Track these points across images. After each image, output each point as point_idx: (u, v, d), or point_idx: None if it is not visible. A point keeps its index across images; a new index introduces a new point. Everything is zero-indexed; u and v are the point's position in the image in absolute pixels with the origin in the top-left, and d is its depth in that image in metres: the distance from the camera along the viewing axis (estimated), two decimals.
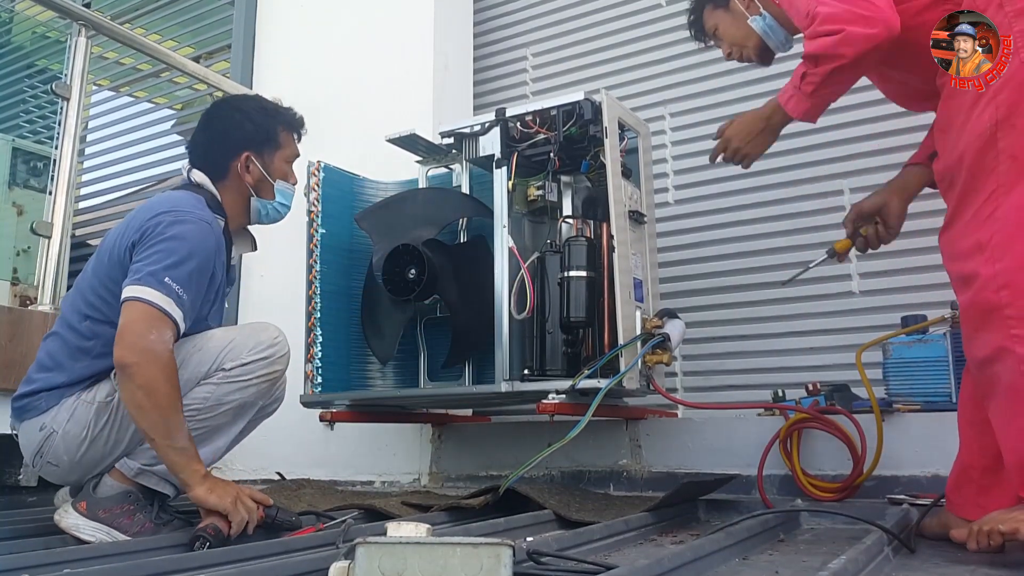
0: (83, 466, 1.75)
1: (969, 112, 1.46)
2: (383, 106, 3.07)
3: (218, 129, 1.93)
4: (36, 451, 1.75)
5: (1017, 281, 1.37)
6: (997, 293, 1.39)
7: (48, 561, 1.36)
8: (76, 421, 1.72)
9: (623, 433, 2.45)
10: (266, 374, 1.79)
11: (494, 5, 3.34)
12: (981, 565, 1.37)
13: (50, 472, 1.79)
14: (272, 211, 1.96)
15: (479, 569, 0.97)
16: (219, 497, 1.62)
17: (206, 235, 1.75)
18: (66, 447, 1.72)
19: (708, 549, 1.34)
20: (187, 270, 1.68)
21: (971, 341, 1.46)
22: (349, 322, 2.46)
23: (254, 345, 1.78)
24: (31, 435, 1.76)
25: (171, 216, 1.73)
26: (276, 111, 1.98)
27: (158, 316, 1.63)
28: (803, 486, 2.06)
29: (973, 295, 1.43)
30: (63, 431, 1.72)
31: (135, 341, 1.60)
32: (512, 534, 1.64)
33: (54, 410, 1.73)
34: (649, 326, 2.04)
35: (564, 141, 2.14)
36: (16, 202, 3.97)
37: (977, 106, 1.45)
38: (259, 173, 1.91)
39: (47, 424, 1.73)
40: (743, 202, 2.64)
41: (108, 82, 4.24)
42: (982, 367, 1.45)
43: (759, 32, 1.88)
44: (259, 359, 1.78)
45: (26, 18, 4.85)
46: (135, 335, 1.61)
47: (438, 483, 2.70)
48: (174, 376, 1.64)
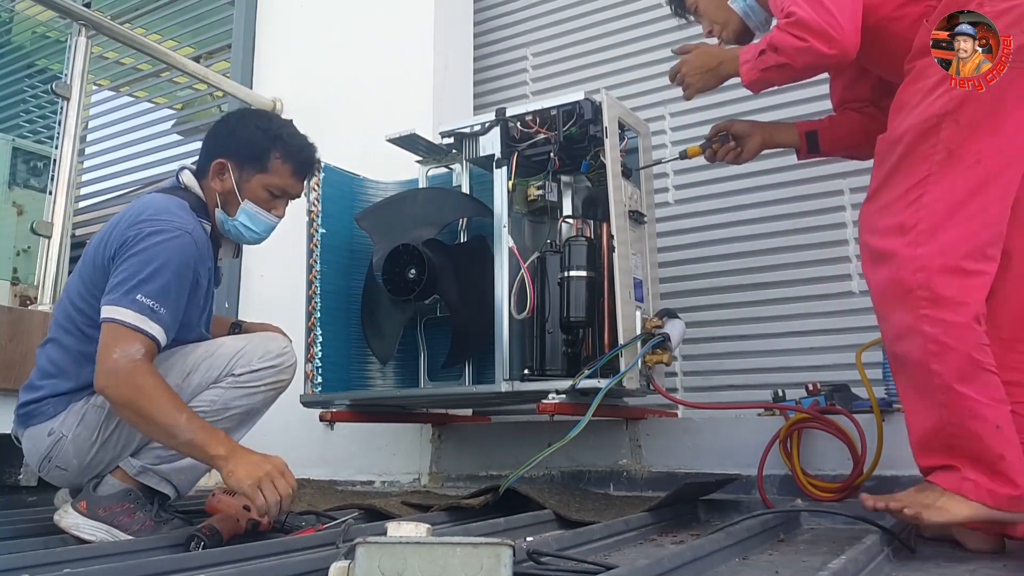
0: (92, 469, 1.75)
1: (925, 96, 1.52)
2: (383, 106, 3.07)
3: (216, 130, 1.92)
4: (44, 456, 1.75)
5: (933, 267, 1.45)
6: (914, 275, 1.46)
7: (48, 561, 1.36)
8: (86, 425, 1.72)
9: (623, 433, 2.45)
10: (274, 382, 1.82)
11: (494, 5, 3.34)
12: (981, 565, 1.37)
13: (57, 476, 1.78)
14: (232, 228, 1.89)
15: (479, 569, 0.97)
16: (238, 481, 1.58)
17: (185, 245, 1.72)
18: (76, 451, 1.73)
19: (708, 549, 1.35)
20: (161, 283, 1.67)
21: (883, 319, 1.54)
22: (349, 322, 2.46)
23: (263, 353, 1.82)
24: (37, 440, 1.75)
25: (149, 226, 1.71)
26: (277, 137, 1.88)
27: (126, 333, 1.63)
28: (803, 486, 2.05)
29: (890, 274, 1.50)
30: (73, 435, 1.72)
31: (102, 365, 1.63)
32: (512, 534, 1.64)
33: (62, 415, 1.73)
34: (649, 326, 2.04)
35: (564, 141, 2.13)
36: (16, 202, 3.97)
37: (934, 92, 1.50)
38: (229, 185, 1.86)
39: (55, 429, 1.73)
40: (743, 202, 2.64)
41: (108, 82, 4.24)
42: (893, 344, 1.53)
43: (739, 12, 1.92)
44: (268, 367, 1.81)
45: (26, 18, 4.86)
46: (102, 358, 1.63)
47: (438, 483, 2.70)
48: (148, 384, 1.62)
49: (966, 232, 1.45)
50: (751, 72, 1.76)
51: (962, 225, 1.45)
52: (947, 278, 1.44)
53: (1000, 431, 1.40)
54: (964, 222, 1.45)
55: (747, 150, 2.05)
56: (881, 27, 1.64)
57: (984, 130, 1.45)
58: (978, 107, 1.45)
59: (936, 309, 1.43)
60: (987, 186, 1.45)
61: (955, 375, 1.42)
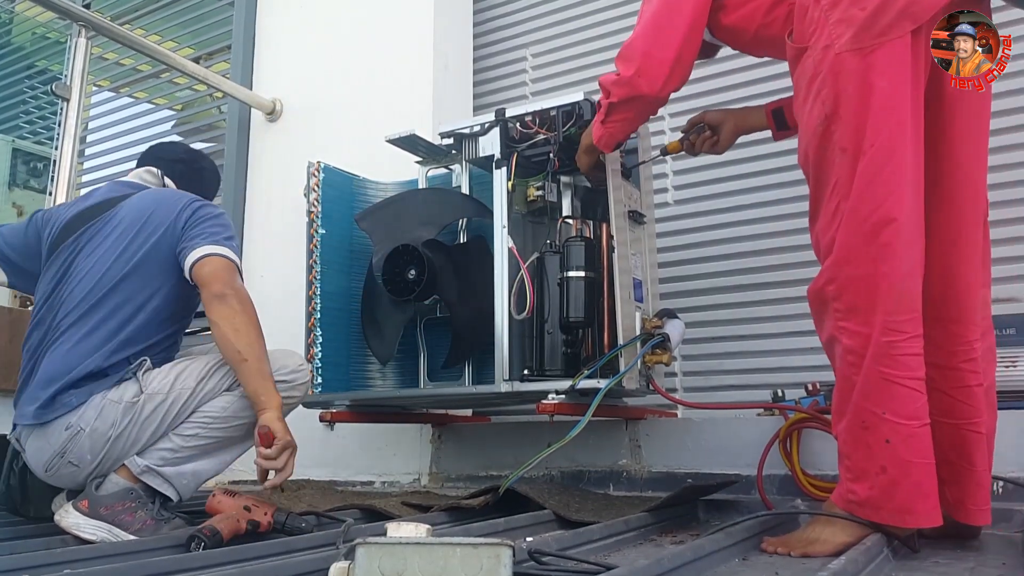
0: (102, 465, 1.76)
1: (802, 110, 1.53)
2: (383, 107, 3.07)
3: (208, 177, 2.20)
4: (57, 452, 1.74)
5: (842, 277, 1.45)
6: (827, 286, 1.47)
7: (48, 561, 1.36)
8: (104, 419, 1.73)
9: (623, 433, 2.45)
10: (285, 397, 1.82)
11: (494, 5, 3.34)
12: (981, 564, 1.37)
13: (67, 474, 1.77)
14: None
15: (479, 569, 0.97)
16: (280, 429, 1.74)
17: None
18: (91, 445, 1.73)
19: (708, 549, 1.35)
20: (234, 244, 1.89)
21: (816, 327, 1.56)
22: (349, 322, 2.46)
23: (279, 368, 1.85)
24: (51, 437, 1.74)
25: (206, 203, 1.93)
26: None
27: (235, 269, 1.83)
28: (803, 486, 2.05)
29: (813, 285, 1.51)
30: (91, 429, 1.73)
31: (228, 279, 1.80)
32: (512, 534, 1.65)
33: (83, 407, 1.73)
34: (649, 326, 2.04)
35: (564, 141, 2.13)
36: (16, 202, 3.98)
37: (807, 103, 1.51)
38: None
39: (73, 423, 1.73)
40: (743, 202, 2.64)
41: (108, 83, 4.24)
42: (825, 350, 1.55)
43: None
44: (281, 381, 1.83)
45: (26, 19, 4.86)
46: (225, 277, 1.80)
47: (438, 483, 2.70)
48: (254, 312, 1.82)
49: (863, 236, 1.42)
50: (596, 130, 1.88)
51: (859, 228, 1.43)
52: (855, 286, 1.42)
53: (889, 445, 1.38)
54: (860, 224, 1.43)
55: (723, 137, 2.07)
56: (760, 36, 1.69)
57: (862, 117, 1.42)
58: (848, 98, 1.43)
59: (849, 320, 1.44)
60: (878, 176, 1.42)
61: (860, 385, 1.42)
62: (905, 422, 1.38)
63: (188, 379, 1.78)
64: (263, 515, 1.70)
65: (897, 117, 1.41)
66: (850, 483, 1.44)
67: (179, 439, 1.76)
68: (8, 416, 1.87)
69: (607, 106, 1.81)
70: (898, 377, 1.38)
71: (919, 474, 1.38)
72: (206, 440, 1.78)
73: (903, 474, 1.38)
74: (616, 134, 1.88)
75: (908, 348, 1.39)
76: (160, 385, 1.77)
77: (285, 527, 1.73)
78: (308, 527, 1.75)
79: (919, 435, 1.39)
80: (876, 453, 1.40)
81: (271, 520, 1.71)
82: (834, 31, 1.45)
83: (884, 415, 1.38)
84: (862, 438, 1.42)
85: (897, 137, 1.41)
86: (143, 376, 1.78)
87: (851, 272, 1.43)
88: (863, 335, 1.41)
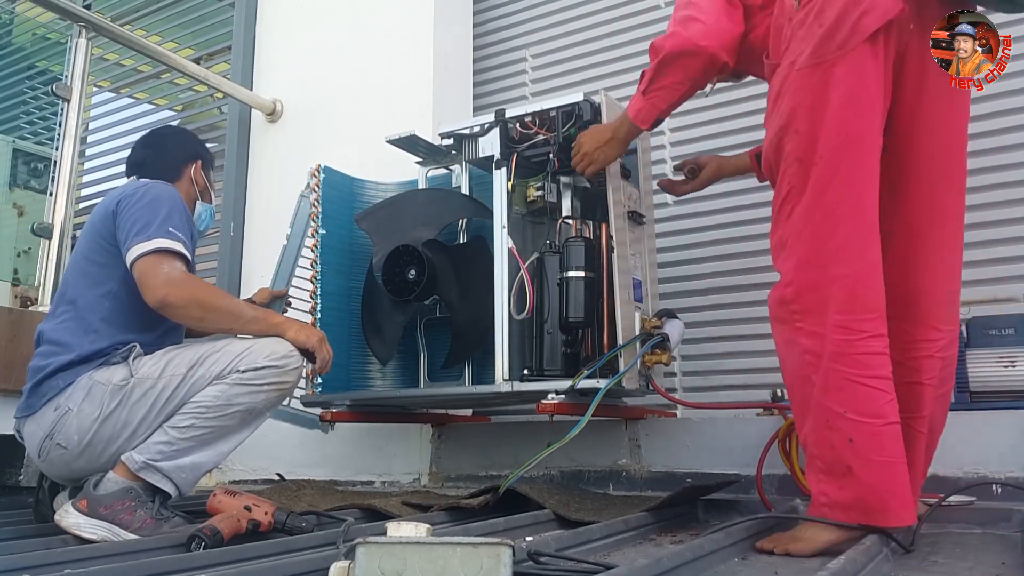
0: (91, 449, 1.77)
1: (767, 124, 1.58)
2: (383, 107, 3.07)
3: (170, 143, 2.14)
4: (47, 435, 1.78)
5: (799, 280, 1.48)
6: (785, 289, 1.50)
7: (49, 561, 1.37)
8: (91, 400, 1.76)
9: (622, 433, 2.45)
10: (277, 382, 1.83)
11: (494, 5, 3.34)
12: (981, 564, 1.37)
13: (56, 458, 1.79)
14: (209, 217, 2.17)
15: (479, 569, 0.97)
16: (307, 336, 1.88)
17: (173, 190, 1.95)
18: (79, 426, 1.76)
19: (708, 549, 1.35)
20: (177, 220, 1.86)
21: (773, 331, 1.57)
22: (349, 322, 2.47)
23: (269, 353, 1.84)
24: (42, 421, 1.79)
25: (141, 186, 1.91)
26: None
27: (162, 254, 1.80)
28: (802, 486, 2.05)
29: (773, 290, 1.54)
30: (78, 409, 1.76)
31: (155, 280, 1.77)
32: (512, 534, 1.65)
33: (70, 389, 1.78)
34: (648, 326, 2.04)
35: (564, 142, 2.14)
36: (17, 203, 3.98)
37: (771, 116, 1.56)
38: (203, 182, 2.14)
39: (61, 404, 1.77)
40: (743, 202, 2.64)
41: (109, 83, 4.25)
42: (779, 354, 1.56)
43: None
44: (273, 366, 1.83)
45: (27, 19, 4.86)
46: (151, 277, 1.77)
47: (438, 483, 2.70)
48: (202, 283, 1.87)
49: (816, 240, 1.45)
50: (635, 104, 1.84)
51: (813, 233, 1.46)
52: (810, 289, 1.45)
53: (852, 444, 1.39)
54: (814, 229, 1.46)
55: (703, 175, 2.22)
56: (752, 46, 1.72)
57: (817, 129, 1.45)
58: (804, 111, 1.47)
59: (805, 321, 1.45)
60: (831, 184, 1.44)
61: (821, 385, 1.43)
62: (867, 420, 1.39)
63: (179, 366, 1.80)
64: (264, 515, 1.71)
65: (852, 127, 1.44)
66: (821, 484, 1.45)
67: (174, 431, 1.76)
68: (9, 416, 1.88)
69: (654, 67, 1.76)
70: (857, 376, 1.40)
71: (884, 472, 1.39)
72: (202, 430, 1.77)
73: (867, 473, 1.39)
74: (658, 104, 1.82)
75: (866, 347, 1.40)
76: (150, 370, 1.79)
77: (286, 527, 1.73)
78: (308, 527, 1.75)
79: (884, 433, 1.39)
80: (841, 453, 1.40)
81: (272, 520, 1.71)
82: (798, 48, 1.49)
83: (846, 414, 1.40)
84: (827, 438, 1.43)
85: (851, 146, 1.44)
86: (133, 361, 1.81)
87: (805, 277, 1.46)
88: (818, 335, 1.43)
